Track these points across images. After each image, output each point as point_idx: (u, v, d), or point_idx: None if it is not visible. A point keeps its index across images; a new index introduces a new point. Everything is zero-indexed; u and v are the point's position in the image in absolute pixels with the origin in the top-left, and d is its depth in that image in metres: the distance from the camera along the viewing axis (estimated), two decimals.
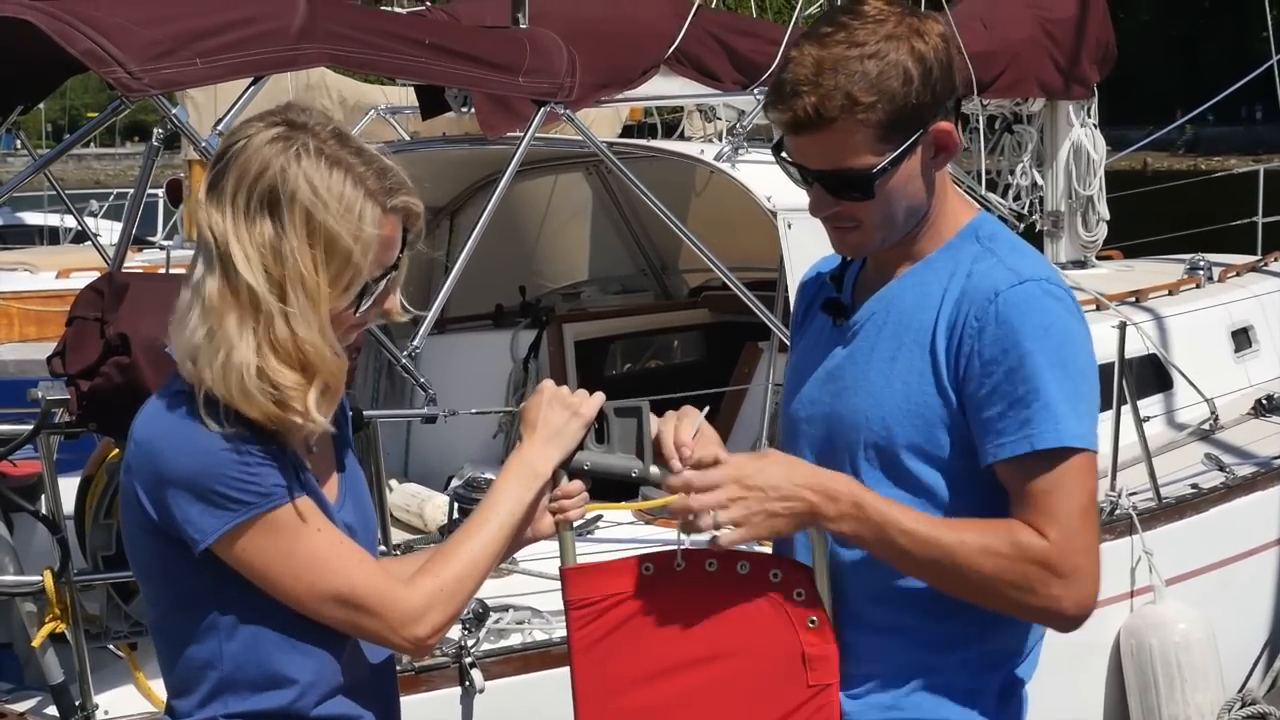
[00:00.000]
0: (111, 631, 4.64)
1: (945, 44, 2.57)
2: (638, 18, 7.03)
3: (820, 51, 2.51)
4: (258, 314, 2.34)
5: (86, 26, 4.52)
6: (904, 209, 2.60)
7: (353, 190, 2.38)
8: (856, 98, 2.48)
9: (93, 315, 4.32)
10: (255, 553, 2.38)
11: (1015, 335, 2.49)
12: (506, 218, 6.68)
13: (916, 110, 2.52)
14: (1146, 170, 41.99)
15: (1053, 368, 2.48)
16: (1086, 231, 9.48)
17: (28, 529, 5.09)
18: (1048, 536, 2.47)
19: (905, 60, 2.50)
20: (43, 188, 13.98)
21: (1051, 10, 9.06)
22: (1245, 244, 11.12)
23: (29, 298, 12.40)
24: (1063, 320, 2.52)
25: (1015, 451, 2.48)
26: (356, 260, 2.38)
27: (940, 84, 2.55)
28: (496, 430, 6.94)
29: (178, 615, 2.48)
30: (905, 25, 2.53)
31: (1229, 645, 6.57)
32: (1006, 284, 2.52)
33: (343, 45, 5.10)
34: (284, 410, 2.34)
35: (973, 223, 2.68)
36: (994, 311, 2.51)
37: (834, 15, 2.58)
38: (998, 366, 2.50)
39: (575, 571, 2.68)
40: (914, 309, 2.61)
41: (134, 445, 2.44)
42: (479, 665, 4.71)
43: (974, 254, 2.61)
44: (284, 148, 2.37)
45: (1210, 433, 7.56)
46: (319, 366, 2.37)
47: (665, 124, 11.11)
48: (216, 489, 2.34)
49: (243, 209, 2.36)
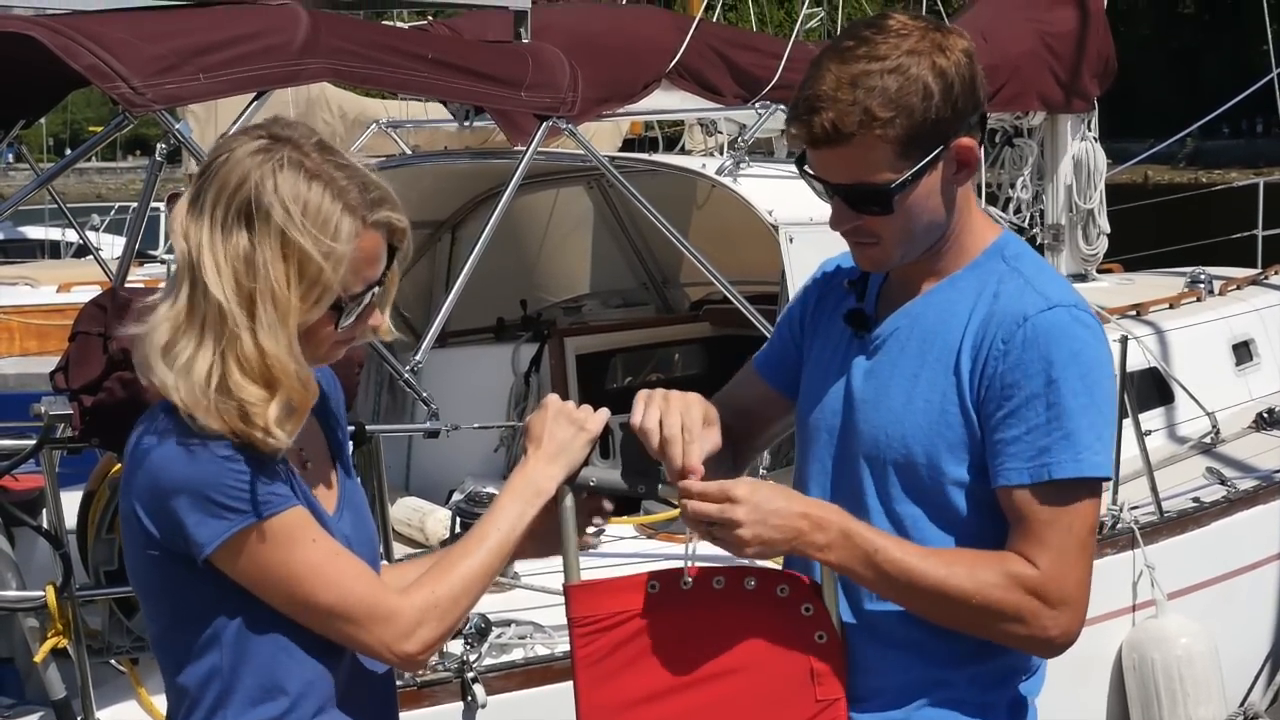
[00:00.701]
0: (113, 647, 4.64)
1: (969, 59, 2.55)
2: (639, 32, 7.05)
3: (840, 66, 2.49)
4: (223, 327, 2.33)
5: (90, 41, 4.53)
6: (924, 225, 2.58)
7: (330, 203, 2.36)
8: (875, 113, 2.47)
9: (96, 330, 4.32)
10: (251, 561, 2.37)
11: (1042, 361, 2.48)
12: (508, 231, 6.69)
13: (937, 126, 2.50)
14: (1148, 183, 42.00)
15: (1078, 395, 2.47)
16: (1087, 245, 9.48)
17: (30, 544, 5.10)
18: (1040, 566, 2.48)
19: (926, 75, 2.48)
20: (44, 202, 13.97)
21: (1052, 24, 9.06)
22: (1246, 257, 11.12)
23: (30, 312, 12.41)
24: (1091, 348, 2.51)
25: (1032, 479, 2.48)
26: (328, 275, 2.35)
27: (962, 99, 2.53)
28: (498, 444, 6.94)
29: (178, 630, 2.47)
30: (928, 40, 2.52)
31: (1231, 659, 6.57)
32: (1036, 309, 2.51)
33: (345, 60, 5.10)
34: (246, 425, 2.32)
35: (998, 241, 2.66)
36: (1022, 336, 2.50)
37: (857, 28, 2.57)
38: (1019, 390, 2.49)
39: (580, 589, 2.67)
40: (939, 327, 2.60)
41: (129, 462, 2.43)
42: (481, 680, 4.71)
43: (1000, 274, 2.60)
44: (264, 160, 2.36)
45: (1212, 446, 7.56)
46: (282, 381, 2.34)
47: (666, 138, 11.12)
48: (213, 497, 2.33)
49: (220, 221, 2.34)
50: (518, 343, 7.31)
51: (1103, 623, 6.27)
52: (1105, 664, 6.32)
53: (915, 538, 2.57)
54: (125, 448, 2.46)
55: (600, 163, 5.99)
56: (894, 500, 2.59)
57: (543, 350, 7.22)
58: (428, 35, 6.02)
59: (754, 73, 7.39)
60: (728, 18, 19.23)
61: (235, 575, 2.38)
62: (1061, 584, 2.48)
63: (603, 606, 2.64)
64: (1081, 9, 9.19)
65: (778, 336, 2.95)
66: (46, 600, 4.42)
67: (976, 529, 2.55)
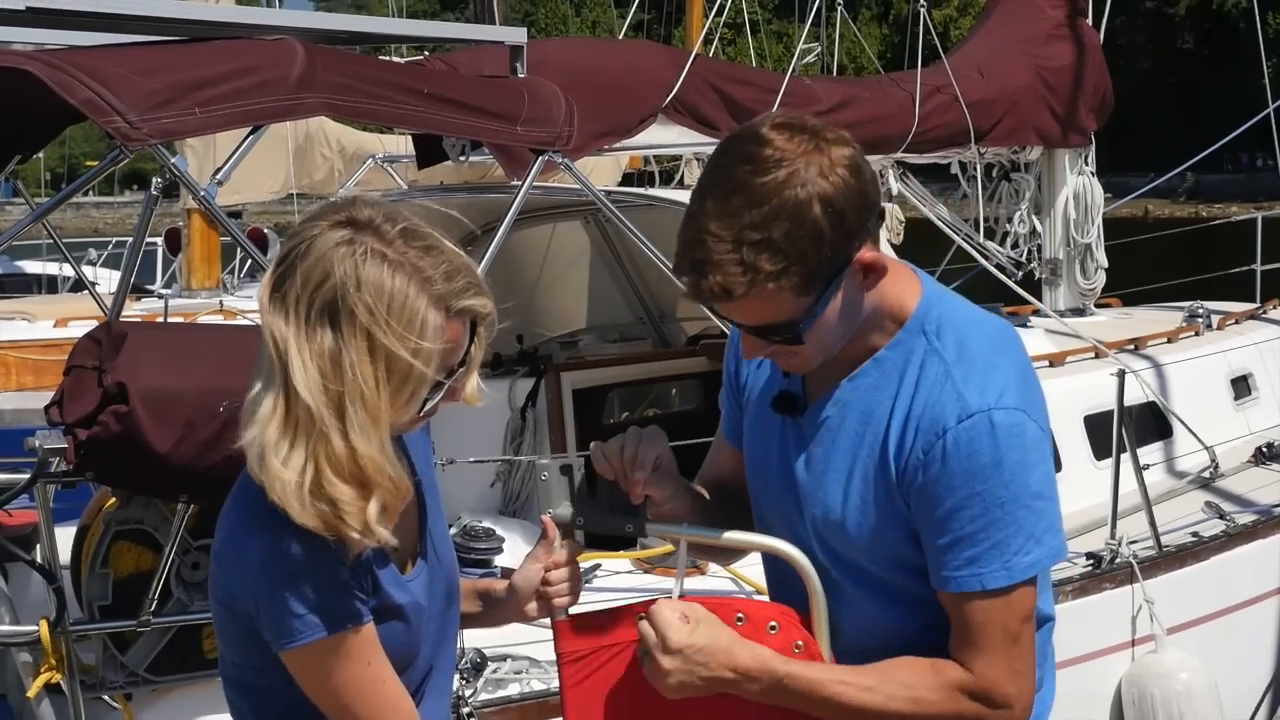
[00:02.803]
0: (107, 682, 4.63)
1: (853, 167, 2.41)
2: (636, 67, 7.05)
3: (720, 222, 2.37)
4: (312, 427, 2.31)
5: (86, 76, 4.53)
6: (841, 333, 2.54)
7: (415, 297, 2.32)
8: (763, 269, 2.37)
9: (91, 364, 4.32)
10: (303, 669, 2.42)
11: (963, 475, 2.45)
12: (504, 266, 6.69)
13: (834, 258, 2.41)
14: (1148, 218, 42.12)
15: (1004, 504, 2.45)
16: (1085, 279, 9.48)
17: (23, 578, 5.09)
18: (977, 671, 2.50)
19: (813, 212, 2.36)
20: (41, 236, 13.99)
21: (1049, 59, 9.09)
22: (1244, 291, 11.13)
23: (26, 346, 12.39)
24: (1012, 452, 2.45)
25: (963, 589, 2.49)
26: (418, 374, 2.34)
27: (854, 217, 2.41)
28: (494, 479, 6.93)
29: (252, 675, 2.53)
30: (810, 165, 2.38)
31: (1230, 694, 6.55)
32: (954, 417, 2.46)
33: (341, 94, 5.10)
34: (340, 524, 2.32)
35: (919, 310, 2.59)
36: (941, 449, 2.47)
37: (733, 168, 2.41)
38: (943, 503, 2.47)
39: (568, 623, 2.68)
40: (868, 418, 2.57)
41: (215, 553, 2.47)
42: (477, 715, 4.70)
43: (922, 354, 2.54)
44: (347, 252, 2.32)
45: (1210, 481, 7.56)
46: (377, 483, 2.34)
47: (664, 172, 11.14)
48: (290, 606, 2.36)
49: (304, 317, 2.31)
50: (514, 377, 7.31)
51: (1102, 658, 6.26)
52: (1105, 699, 6.30)
53: (880, 610, 2.60)
54: (219, 520, 2.49)
55: (596, 197, 5.99)
56: (847, 585, 2.62)
57: (539, 385, 7.23)
58: (424, 70, 6.02)
59: (750, 107, 7.39)
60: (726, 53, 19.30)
61: (291, 670, 2.43)
62: (1003, 686, 2.50)
63: (591, 641, 2.65)
64: (1078, 44, 9.23)
65: (726, 402, 2.94)
66: (40, 635, 4.42)
67: (929, 609, 2.56)
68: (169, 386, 4.23)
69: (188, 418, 4.18)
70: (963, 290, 10.72)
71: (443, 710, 2.67)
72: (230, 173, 5.05)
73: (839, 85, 8.60)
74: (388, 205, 2.42)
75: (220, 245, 15.02)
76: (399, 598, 2.49)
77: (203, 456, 4.20)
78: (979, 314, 2.63)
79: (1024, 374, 2.55)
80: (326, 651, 2.39)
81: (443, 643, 2.64)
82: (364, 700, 2.44)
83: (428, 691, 2.57)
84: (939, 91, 8.37)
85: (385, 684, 2.47)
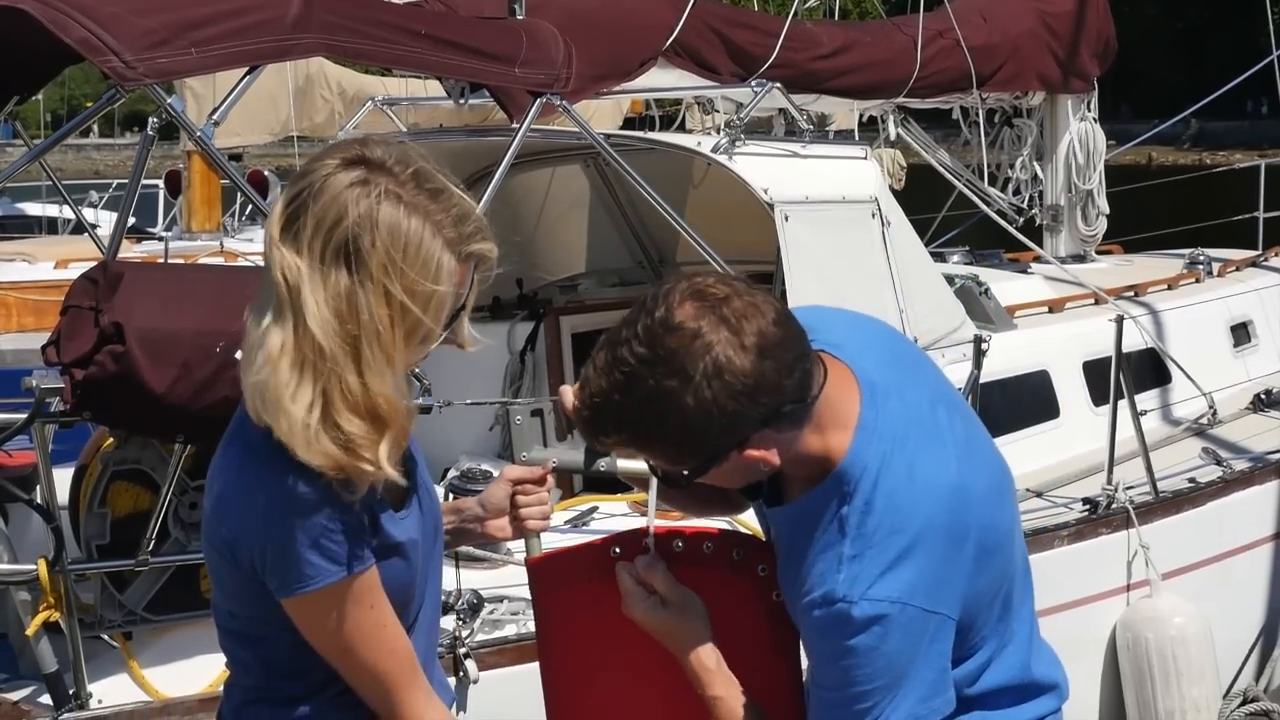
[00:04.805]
0: (105, 621, 4.65)
1: (765, 352, 2.34)
2: (635, 9, 7.02)
3: (625, 399, 2.36)
4: (323, 364, 2.30)
5: (81, 15, 4.52)
6: (754, 474, 2.53)
7: (430, 241, 2.32)
8: (655, 453, 2.44)
9: (87, 304, 4.32)
10: (309, 614, 2.42)
11: (815, 648, 2.52)
12: (503, 210, 6.67)
13: (721, 448, 2.40)
14: (1151, 165, 41.99)
15: (839, 688, 2.47)
16: (1086, 226, 9.48)
17: (23, 518, 5.10)
18: None
19: (715, 408, 2.33)
20: (42, 178, 13.97)
21: (1051, 3, 9.06)
22: (1246, 239, 11.12)
23: (27, 288, 12.40)
24: (862, 644, 2.42)
25: None
26: (431, 316, 2.35)
27: (753, 408, 2.36)
28: (493, 422, 6.93)
29: (251, 625, 2.52)
30: (717, 344, 2.32)
31: (1225, 639, 6.58)
32: (826, 598, 2.44)
33: (338, 35, 5.09)
34: (352, 458, 2.31)
35: (841, 468, 2.48)
36: (809, 623, 2.50)
37: (651, 330, 2.35)
38: (810, 655, 2.57)
39: (541, 560, 2.76)
40: (804, 548, 2.52)
41: (214, 498, 2.45)
42: (473, 656, 4.72)
43: (830, 517, 2.48)
44: (362, 193, 2.31)
45: (1208, 427, 7.57)
46: (391, 419, 2.34)
47: (665, 116, 11.10)
48: (299, 550, 2.35)
49: (318, 257, 2.30)
50: (513, 321, 7.30)
51: (1098, 602, 6.29)
52: (1099, 644, 6.33)
53: None
54: (210, 471, 2.48)
55: (596, 141, 5.97)
56: None
57: (538, 329, 7.22)
58: (422, 11, 5.99)
59: (751, 51, 7.37)
60: None
61: (294, 616, 2.43)
62: None
63: (566, 575, 2.73)
64: None
65: None
66: (39, 574, 4.43)
67: None
68: (165, 327, 4.23)
69: (184, 358, 4.19)
70: (965, 237, 10.70)
71: (429, 647, 2.68)
72: (226, 113, 5.03)
73: (840, 29, 8.57)
74: (398, 145, 2.41)
75: (220, 188, 15.00)
76: (398, 535, 2.49)
77: (199, 397, 4.21)
78: (913, 481, 2.47)
79: (929, 555, 2.43)
80: (334, 596, 2.39)
81: (430, 579, 2.65)
82: (365, 644, 2.44)
83: (416, 629, 2.58)
84: (941, 36, 8.34)
85: (386, 627, 2.47)
